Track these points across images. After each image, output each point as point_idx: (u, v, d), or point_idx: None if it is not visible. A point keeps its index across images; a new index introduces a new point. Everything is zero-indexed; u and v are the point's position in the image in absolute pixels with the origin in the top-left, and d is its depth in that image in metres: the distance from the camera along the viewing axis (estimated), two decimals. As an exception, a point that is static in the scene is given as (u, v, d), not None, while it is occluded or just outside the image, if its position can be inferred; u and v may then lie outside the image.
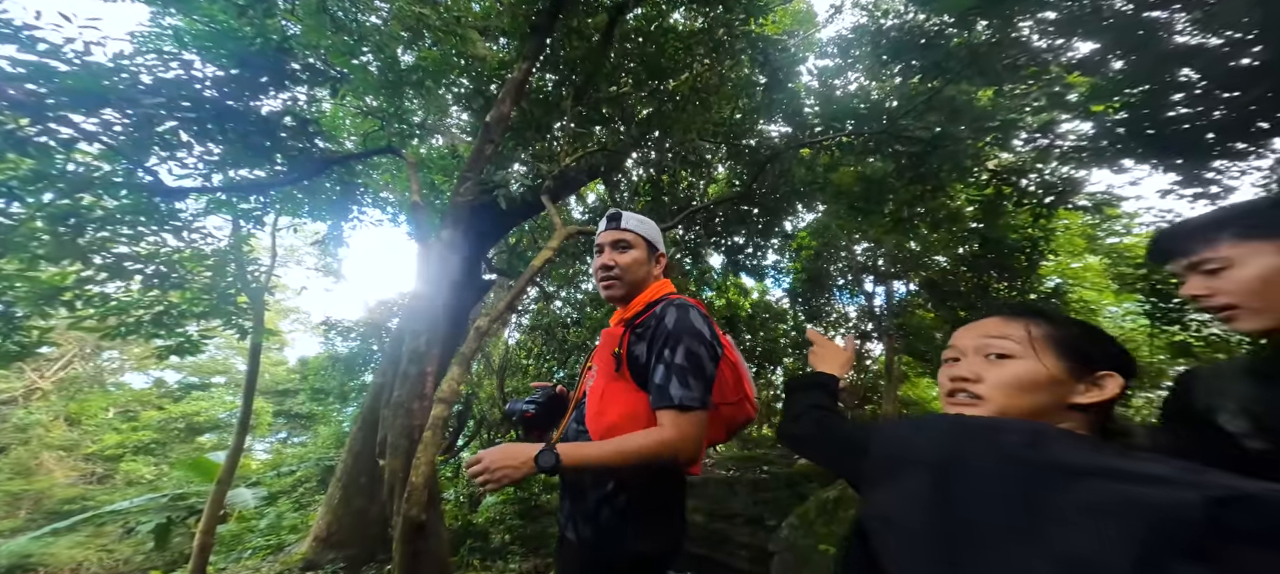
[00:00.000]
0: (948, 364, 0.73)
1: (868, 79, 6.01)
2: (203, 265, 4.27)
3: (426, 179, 5.51)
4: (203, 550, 4.91)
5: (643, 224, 1.20)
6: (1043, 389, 0.65)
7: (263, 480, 9.55)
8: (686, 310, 1.05)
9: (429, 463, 2.71)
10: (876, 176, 5.90)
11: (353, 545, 4.55)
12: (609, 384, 1.08)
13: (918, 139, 5.22)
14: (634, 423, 1.03)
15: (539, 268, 3.65)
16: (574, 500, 1.10)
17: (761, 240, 6.81)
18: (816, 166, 6.27)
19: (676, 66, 4.68)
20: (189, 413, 14.60)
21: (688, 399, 0.97)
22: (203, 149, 3.46)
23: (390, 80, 4.27)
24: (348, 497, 4.74)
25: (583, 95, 4.41)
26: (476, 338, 3.28)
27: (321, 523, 4.75)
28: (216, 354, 17.24)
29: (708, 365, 1.01)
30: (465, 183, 3.56)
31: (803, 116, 5.70)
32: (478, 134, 3.87)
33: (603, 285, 1.17)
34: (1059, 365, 0.65)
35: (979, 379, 0.67)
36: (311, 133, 3.87)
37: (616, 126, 5.19)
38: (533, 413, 1.23)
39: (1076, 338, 0.67)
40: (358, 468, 4.80)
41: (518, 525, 5.32)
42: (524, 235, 6.79)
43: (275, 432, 16.26)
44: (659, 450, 0.95)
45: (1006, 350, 0.66)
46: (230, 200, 4.36)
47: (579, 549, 1.05)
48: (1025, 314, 0.69)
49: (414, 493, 2.63)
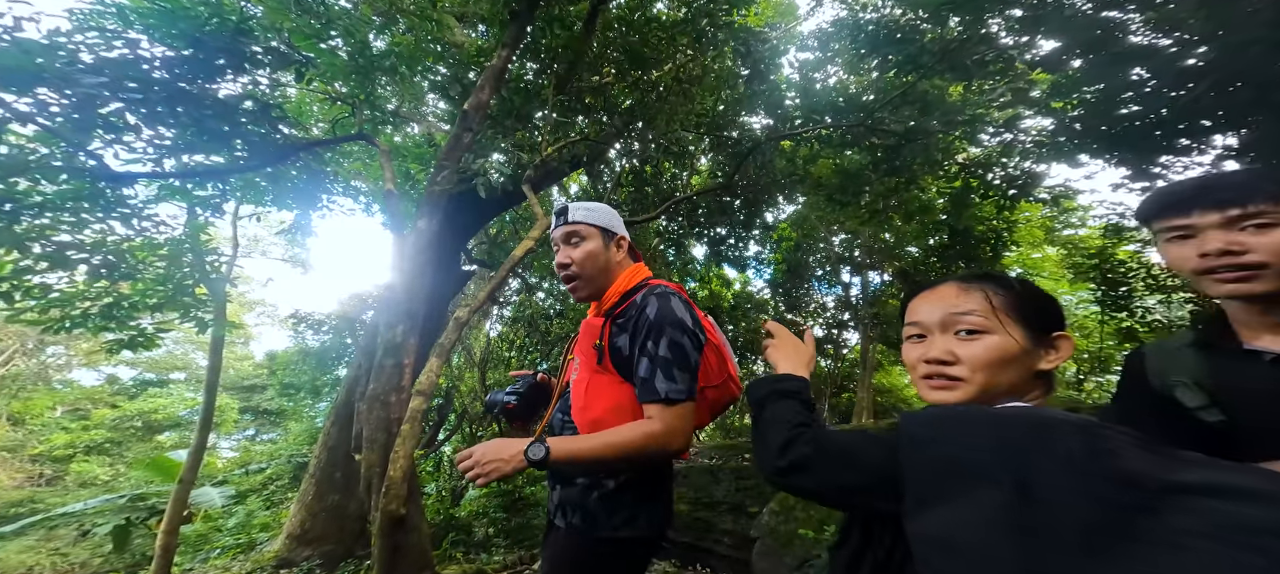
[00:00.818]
0: (914, 342, 0.71)
1: (846, 73, 6.13)
2: (155, 255, 4.06)
3: (401, 168, 5.33)
4: (166, 551, 4.73)
5: (592, 212, 1.14)
6: (1016, 362, 0.64)
7: (230, 479, 9.21)
8: (668, 299, 1.04)
9: (408, 456, 2.69)
10: (854, 169, 6.05)
11: (329, 542, 4.46)
12: (593, 376, 1.07)
13: (893, 132, 5.37)
14: (620, 416, 1.02)
15: (520, 258, 3.61)
16: (563, 488, 1.10)
17: (743, 231, 6.91)
18: (797, 159, 6.38)
19: (659, 56, 4.64)
20: (146, 411, 13.89)
21: (674, 392, 0.96)
22: (153, 133, 3.26)
23: (361, 66, 4.07)
24: (322, 493, 4.63)
25: (564, 84, 4.33)
26: (456, 329, 3.23)
27: (295, 520, 4.63)
28: (175, 349, 16.41)
29: (692, 355, 1.00)
30: (442, 171, 3.48)
31: (784, 109, 5.77)
32: (455, 122, 3.78)
33: (567, 287, 1.15)
34: (1022, 334, 0.64)
35: (955, 360, 0.65)
36: (274, 118, 3.68)
37: (599, 116, 5.13)
38: (514, 404, 1.21)
39: (1030, 302, 0.67)
40: (333, 463, 4.69)
41: (502, 518, 5.32)
42: (505, 226, 6.67)
43: (242, 429, 15.65)
44: (647, 444, 0.95)
45: (976, 325, 0.65)
46: (184, 187, 4.13)
47: (567, 535, 1.04)
48: (981, 282, 0.68)
49: (393, 487, 2.61)
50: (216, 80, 3.35)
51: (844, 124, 5.53)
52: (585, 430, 1.04)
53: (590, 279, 1.12)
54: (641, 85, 4.89)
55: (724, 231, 6.85)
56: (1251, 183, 0.70)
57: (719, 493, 3.97)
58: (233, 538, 6.33)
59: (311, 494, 4.66)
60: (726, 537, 3.61)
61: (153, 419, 13.78)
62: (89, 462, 12.31)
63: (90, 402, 14.48)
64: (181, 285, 4.21)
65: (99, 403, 14.40)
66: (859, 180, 6.03)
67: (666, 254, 6.82)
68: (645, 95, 4.89)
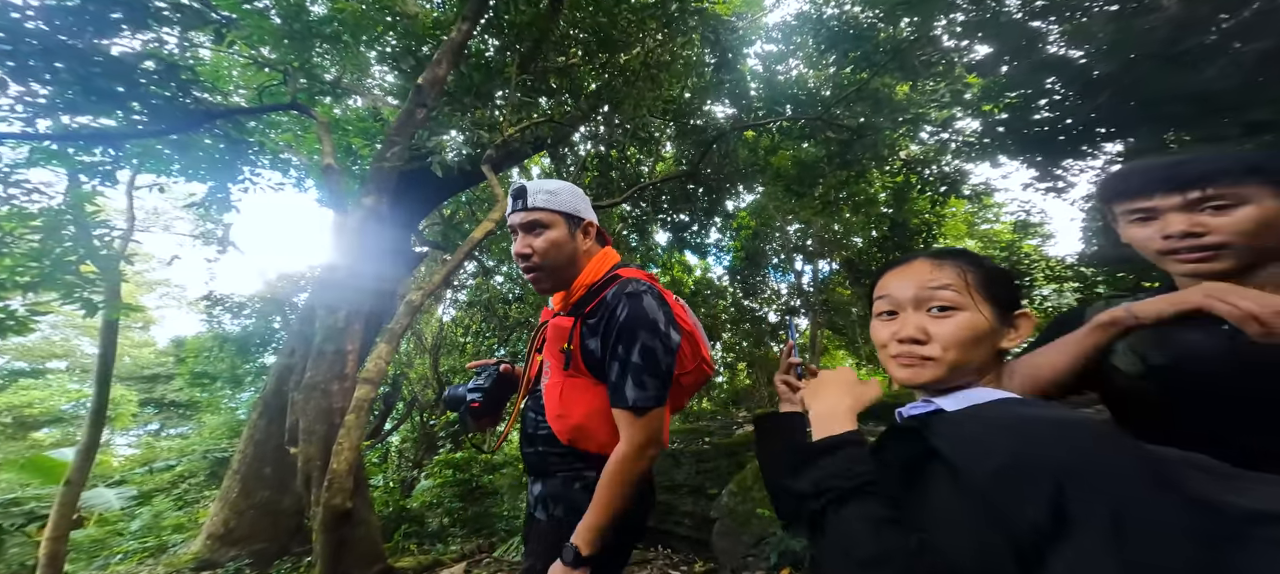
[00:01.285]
0: (885, 320, 0.68)
1: (807, 67, 6.33)
2: (26, 226, 3.55)
3: (342, 142, 4.88)
4: (54, 559, 4.19)
5: (555, 196, 1.04)
6: (985, 340, 0.63)
7: (129, 478, 8.19)
8: (640, 299, 0.98)
9: (353, 447, 2.58)
10: (810, 161, 6.33)
11: (260, 540, 4.12)
12: (566, 381, 1.03)
13: (846, 127, 5.65)
14: (601, 420, 1.00)
15: (479, 240, 3.48)
16: (544, 482, 1.07)
17: (706, 219, 7.03)
18: (758, 149, 6.55)
19: (628, 40, 4.54)
20: (17, 404, 11.97)
21: (643, 400, 0.94)
22: (22, 89, 2.82)
23: (295, 31, 3.65)
24: (249, 489, 4.26)
25: (528, 63, 4.16)
26: (408, 313, 3.07)
27: (217, 519, 4.23)
28: (52, 334, 14.15)
29: (664, 360, 0.96)
30: (392, 147, 3.27)
31: (748, 99, 5.87)
32: (407, 97, 3.52)
33: (528, 278, 1.06)
34: (991, 312, 0.64)
35: (928, 337, 0.63)
36: (184, 81, 3.26)
37: (564, 99, 4.97)
38: (480, 403, 1.14)
39: (998, 279, 0.66)
40: (261, 458, 4.33)
41: (458, 508, 5.16)
42: (460, 207, 6.32)
43: (143, 423, 13.87)
44: (633, 465, 0.95)
45: (949, 302, 0.63)
46: (64, 151, 3.59)
47: (553, 527, 1.02)
48: (954, 258, 0.67)
49: (336, 480, 2.48)
50: (110, 35, 2.92)
51: (803, 117, 5.74)
52: (566, 436, 1.02)
53: (553, 270, 1.04)
54: (609, 68, 4.78)
55: (687, 218, 6.94)
56: (1212, 165, 0.71)
57: (680, 476, 4.08)
58: (138, 541, 5.66)
59: (236, 491, 4.27)
60: (687, 518, 3.71)
61: (26, 414, 11.88)
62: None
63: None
64: (61, 262, 3.69)
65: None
66: (814, 172, 6.32)
67: (629, 239, 6.80)
68: (613, 79, 4.79)
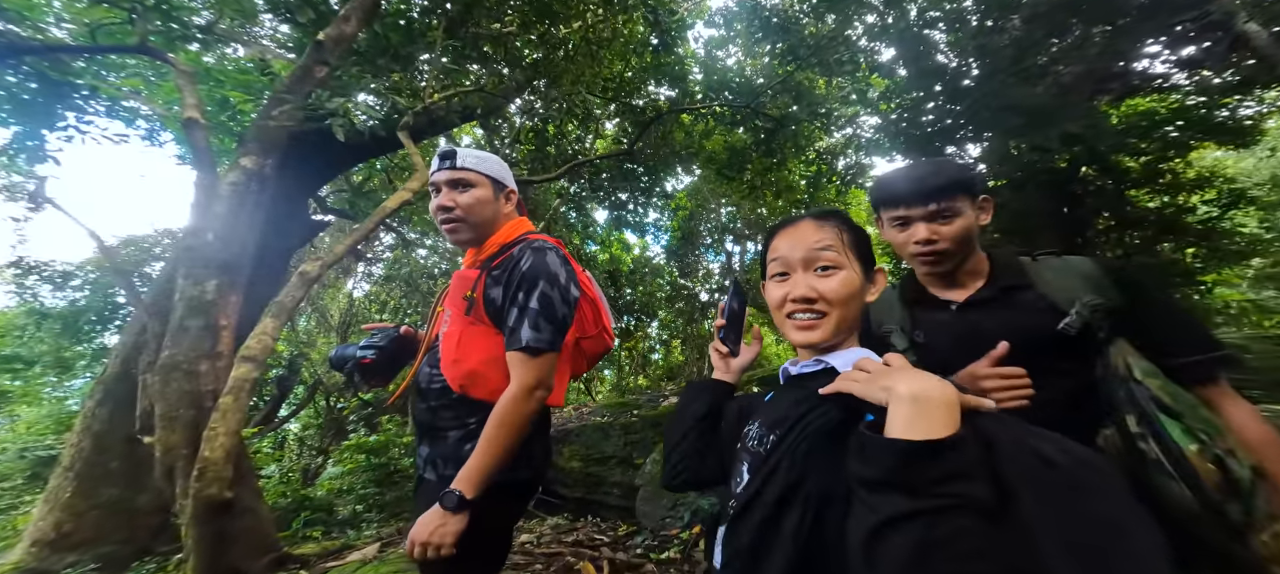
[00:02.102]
0: (778, 281, 0.71)
1: (745, 55, 6.60)
2: None
3: (213, 94, 4.11)
4: None
5: (484, 161, 1.12)
6: (858, 296, 0.69)
7: (-84, 487, 6.33)
8: (544, 254, 1.05)
9: (230, 432, 2.36)
10: (740, 146, 6.66)
11: (109, 541, 3.50)
12: (465, 329, 1.05)
13: (771, 116, 6.03)
14: (495, 367, 1.02)
15: (393, 209, 3.29)
16: (432, 443, 1.09)
17: (644, 198, 7.09)
18: (694, 132, 6.72)
19: (568, 12, 4.33)
20: None
21: (536, 341, 0.98)
22: None
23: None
24: (88, 488, 3.60)
25: (458, 28, 3.83)
26: (302, 285, 2.82)
27: (45, 523, 3.51)
28: None
29: (560, 308, 1.02)
30: (280, 105, 2.96)
31: (686, 83, 5.97)
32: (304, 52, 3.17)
33: (445, 228, 1.10)
34: (860, 269, 0.69)
35: (818, 296, 0.67)
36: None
37: (499, 68, 4.65)
38: (371, 359, 1.14)
39: (862, 239, 0.72)
40: (103, 450, 3.65)
41: (373, 493, 4.79)
42: (375, 174, 5.69)
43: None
44: (521, 405, 0.97)
45: (832, 261, 0.68)
46: None
47: (439, 486, 1.01)
48: (833, 218, 0.71)
49: (211, 468, 2.27)
50: None
51: (735, 104, 6.00)
52: (458, 381, 1.04)
53: (474, 226, 1.10)
54: (548, 40, 4.55)
55: (625, 197, 6.94)
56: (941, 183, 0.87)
57: (609, 448, 4.20)
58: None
59: (71, 491, 3.56)
60: (615, 488, 3.86)
61: None
62: None
63: None
64: None
65: None
66: (743, 158, 6.67)
67: (568, 216, 6.65)
68: (551, 52, 4.57)
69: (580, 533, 3.30)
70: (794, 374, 0.72)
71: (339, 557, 2.89)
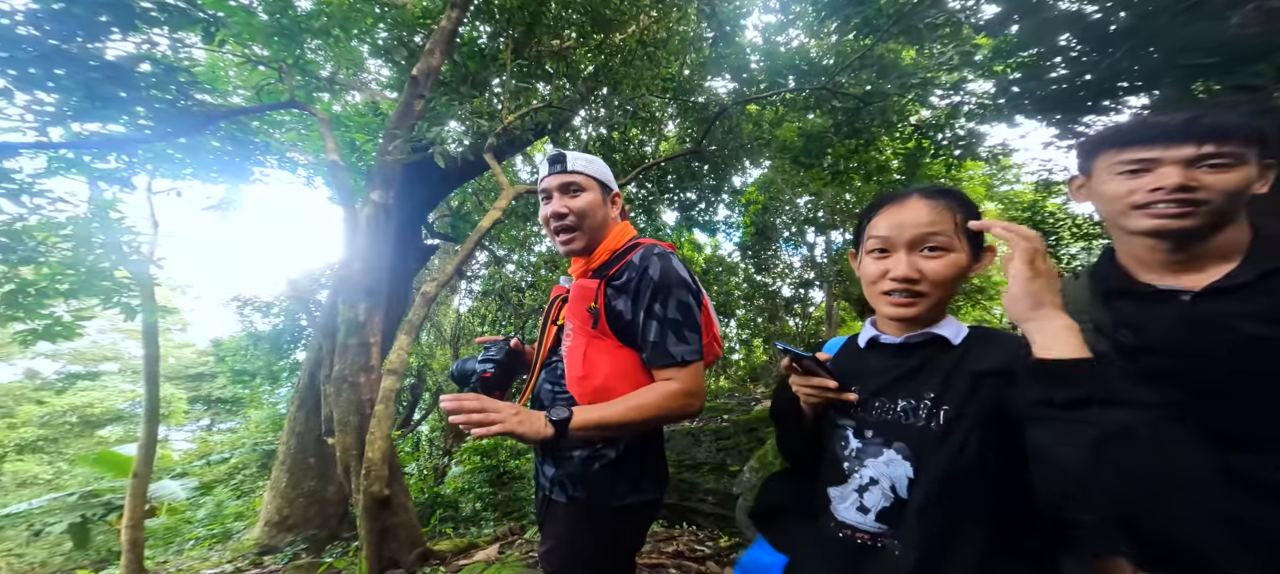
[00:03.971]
0: (876, 256, 0.71)
1: (808, 37, 6.10)
2: (58, 235, 3.67)
3: (345, 138, 4.94)
4: (134, 546, 4.64)
5: (592, 163, 1.09)
6: (961, 278, 0.68)
7: (190, 471, 8.86)
8: (669, 259, 1.00)
9: (384, 436, 2.66)
10: (816, 132, 6.17)
11: (311, 526, 4.46)
12: (590, 342, 1.01)
13: (852, 95, 5.48)
14: (625, 381, 0.98)
15: (487, 229, 3.51)
16: (557, 463, 1.07)
17: (712, 196, 6.97)
18: (763, 122, 6.40)
19: (622, 18, 4.44)
20: (78, 405, 12.90)
21: (688, 354, 0.95)
22: (29, 98, 2.87)
23: (283, 27, 3.64)
24: (296, 479, 4.57)
25: (523, 48, 4.12)
26: (424, 304, 3.14)
27: (271, 507, 4.58)
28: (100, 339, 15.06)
29: (697, 314, 0.99)
30: (393, 140, 3.26)
31: (749, 73, 5.71)
32: (403, 88, 3.52)
33: (559, 238, 1.06)
34: (968, 249, 0.68)
35: (921, 276, 0.67)
36: (183, 83, 3.28)
37: (562, 83, 4.91)
38: (491, 374, 1.13)
39: (973, 218, 0.69)
40: (303, 448, 4.61)
41: (488, 493, 5.32)
42: (468, 197, 6.40)
43: (195, 419, 14.83)
44: (670, 405, 0.93)
45: (942, 243, 0.67)
46: (80, 159, 3.69)
47: (574, 508, 1.02)
48: (946, 196, 0.69)
49: (373, 468, 2.58)
50: (102, 39, 2.92)
51: (807, 87, 5.57)
52: (586, 400, 0.99)
53: (589, 231, 1.06)
54: (605, 49, 4.71)
55: (694, 196, 6.89)
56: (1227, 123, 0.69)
57: (701, 454, 4.13)
58: (206, 529, 6.21)
59: (285, 481, 4.60)
60: (710, 496, 3.74)
61: (89, 413, 12.83)
62: (24, 460, 11.44)
63: (10, 398, 13.20)
64: (95, 268, 3.83)
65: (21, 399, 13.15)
66: (821, 142, 6.17)
67: (637, 221, 6.83)
68: (609, 59, 4.72)
69: (680, 542, 3.22)
70: (898, 343, 0.75)
71: (466, 555, 3.16)
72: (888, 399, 0.72)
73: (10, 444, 11.51)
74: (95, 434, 12.93)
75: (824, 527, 0.75)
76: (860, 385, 0.75)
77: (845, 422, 0.76)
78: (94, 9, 2.73)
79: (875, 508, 0.70)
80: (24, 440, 11.69)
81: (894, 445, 0.70)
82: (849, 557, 0.70)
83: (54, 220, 3.57)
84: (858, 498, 0.71)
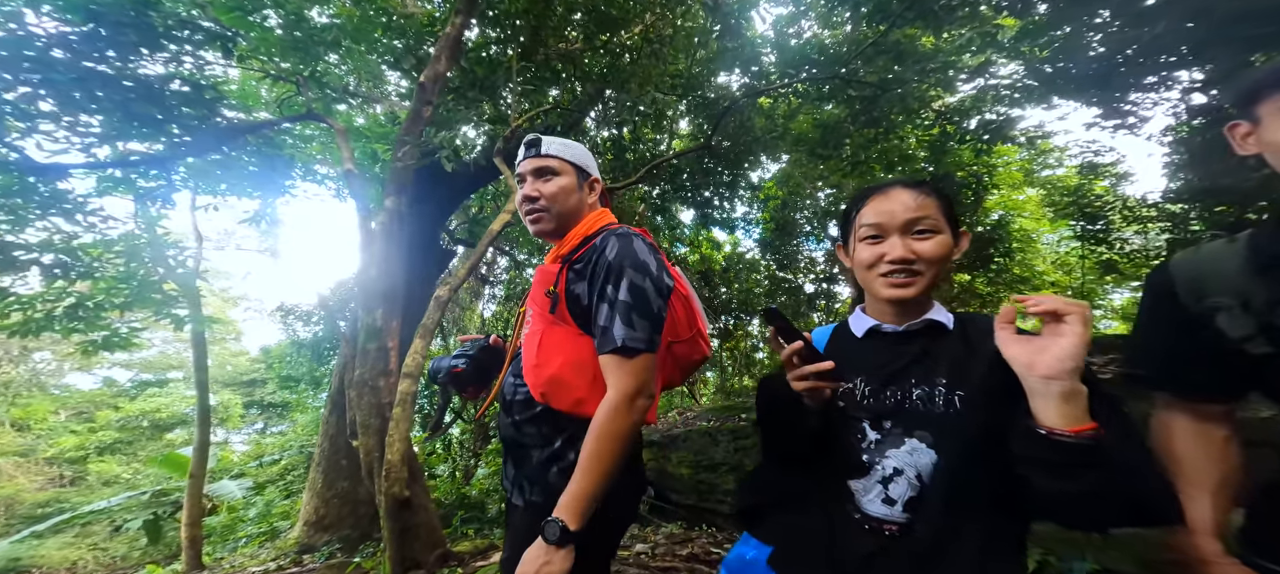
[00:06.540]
0: (869, 242, 0.75)
1: (820, 27, 5.92)
2: (111, 252, 3.88)
3: (366, 149, 5.13)
4: (193, 543, 4.99)
5: (568, 147, 1.05)
6: (949, 258, 0.73)
7: (246, 471, 9.51)
8: (629, 240, 0.93)
9: (403, 439, 2.69)
10: (832, 122, 5.98)
11: (345, 526, 4.64)
12: (547, 329, 0.96)
13: (868, 84, 5.27)
14: (579, 372, 0.92)
15: (498, 232, 3.53)
16: (517, 464, 1.01)
17: (728, 193, 6.86)
18: (776, 116, 6.25)
19: (627, 17, 4.44)
20: (148, 410, 14.04)
21: (632, 341, 0.85)
22: (72, 119, 3.03)
23: (299, 41, 3.75)
24: (330, 480, 4.78)
25: (530, 52, 4.16)
26: (437, 308, 3.17)
27: (309, 507, 4.83)
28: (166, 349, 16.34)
29: (654, 301, 0.89)
30: (403, 147, 3.30)
31: (759, 66, 5.60)
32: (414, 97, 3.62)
33: (529, 219, 1.04)
34: (951, 232, 0.74)
35: (916, 256, 0.71)
36: (211, 100, 3.43)
37: (570, 85, 4.95)
38: (462, 369, 1.10)
39: (951, 205, 0.75)
40: (335, 450, 4.81)
41: None
42: (486, 202, 6.55)
43: (250, 423, 15.91)
44: (622, 417, 0.84)
45: (931, 226, 0.72)
46: (126, 177, 3.91)
47: (527, 513, 0.95)
48: (927, 187, 0.75)
49: (392, 470, 2.61)
50: (132, 59, 3.06)
51: (820, 78, 5.40)
52: (539, 389, 0.94)
53: (558, 215, 1.03)
54: (611, 49, 4.71)
55: (709, 194, 6.81)
56: None
57: (718, 455, 4.09)
58: (256, 527, 6.63)
59: (320, 482, 4.83)
60: (728, 497, 3.70)
61: (158, 418, 13.95)
62: (105, 461, 12.62)
63: (92, 404, 14.59)
64: (146, 282, 4.04)
65: (101, 405, 14.51)
66: (839, 133, 5.97)
67: (654, 220, 6.81)
68: (616, 59, 4.72)
69: (695, 545, 3.17)
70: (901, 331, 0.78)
71: (485, 556, 3.22)
72: (900, 387, 0.74)
73: (92, 446, 12.71)
74: (164, 437, 14.07)
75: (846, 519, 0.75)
76: (865, 375, 0.77)
77: (859, 413, 0.77)
78: (120, 29, 2.83)
79: (902, 499, 0.71)
80: (103, 442, 12.88)
81: (915, 434, 0.72)
82: (873, 547, 0.71)
83: (106, 237, 3.79)
84: (883, 490, 0.72)
